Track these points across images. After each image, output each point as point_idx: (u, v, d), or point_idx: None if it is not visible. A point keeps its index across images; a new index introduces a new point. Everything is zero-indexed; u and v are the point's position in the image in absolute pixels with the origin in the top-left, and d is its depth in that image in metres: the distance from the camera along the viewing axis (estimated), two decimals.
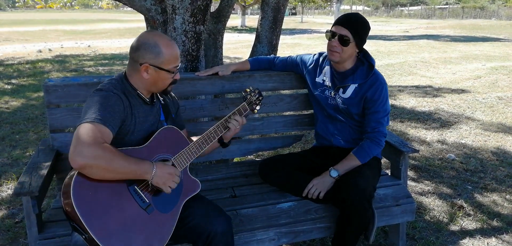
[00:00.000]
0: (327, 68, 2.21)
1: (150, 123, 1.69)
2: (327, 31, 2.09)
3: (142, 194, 1.53)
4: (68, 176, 1.44)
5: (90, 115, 1.45)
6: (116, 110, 1.51)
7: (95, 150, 1.37)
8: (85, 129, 1.40)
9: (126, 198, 1.49)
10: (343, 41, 2.01)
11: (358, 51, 2.09)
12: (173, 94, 1.94)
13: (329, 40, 2.06)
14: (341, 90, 2.13)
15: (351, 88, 2.10)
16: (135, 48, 1.62)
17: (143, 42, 1.60)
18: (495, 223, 2.73)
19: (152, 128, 1.69)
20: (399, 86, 7.40)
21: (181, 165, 1.68)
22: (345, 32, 2.01)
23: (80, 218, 1.35)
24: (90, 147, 1.37)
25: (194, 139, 1.83)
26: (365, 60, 2.12)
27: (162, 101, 1.80)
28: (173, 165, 1.64)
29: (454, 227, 2.68)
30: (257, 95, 2.00)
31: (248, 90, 2.00)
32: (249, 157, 3.54)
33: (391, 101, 6.08)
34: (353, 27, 2.01)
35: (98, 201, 1.41)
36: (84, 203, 1.37)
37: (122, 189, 1.49)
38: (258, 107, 2.01)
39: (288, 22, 33.55)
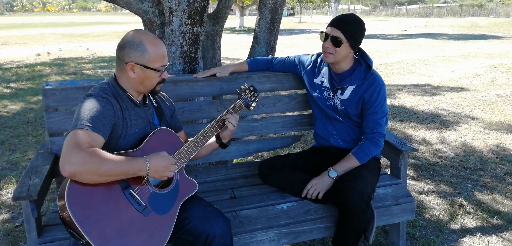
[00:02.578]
0: (325, 70, 2.21)
1: (142, 125, 1.67)
2: (321, 32, 2.09)
3: (138, 197, 1.53)
4: (63, 183, 1.43)
5: (80, 122, 1.44)
6: (105, 115, 1.50)
7: (83, 156, 1.35)
8: (73, 136, 1.39)
9: (122, 202, 1.48)
10: (336, 42, 2.01)
11: (354, 51, 2.09)
12: (168, 97, 1.93)
13: (323, 42, 2.07)
14: (339, 91, 2.13)
15: (349, 89, 2.10)
16: (120, 47, 1.61)
17: (128, 40, 1.59)
18: (495, 220, 2.73)
19: (144, 130, 1.68)
20: (398, 85, 7.40)
21: (177, 166, 1.67)
22: (337, 33, 2.00)
23: (77, 225, 1.34)
24: (78, 153, 1.35)
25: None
26: (363, 61, 2.12)
27: (154, 104, 1.79)
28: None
29: (454, 226, 2.68)
30: (252, 92, 1.99)
31: (243, 87, 1.98)
32: (248, 158, 3.53)
33: (390, 101, 6.08)
34: (345, 28, 2.01)
35: (94, 207, 1.40)
36: (80, 209, 1.37)
37: (117, 193, 1.48)
38: (254, 104, 1.99)
39: (286, 22, 33.58)
